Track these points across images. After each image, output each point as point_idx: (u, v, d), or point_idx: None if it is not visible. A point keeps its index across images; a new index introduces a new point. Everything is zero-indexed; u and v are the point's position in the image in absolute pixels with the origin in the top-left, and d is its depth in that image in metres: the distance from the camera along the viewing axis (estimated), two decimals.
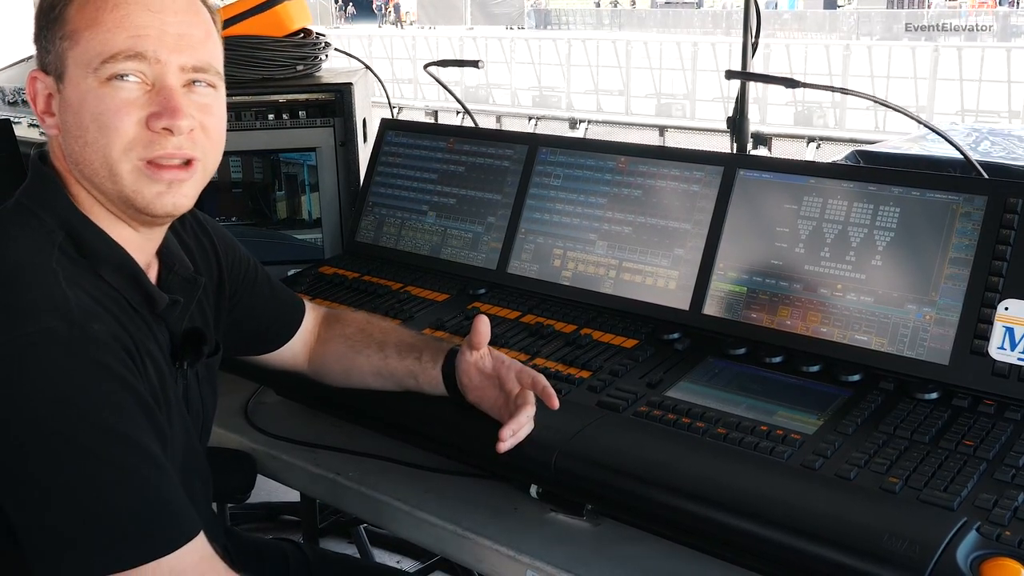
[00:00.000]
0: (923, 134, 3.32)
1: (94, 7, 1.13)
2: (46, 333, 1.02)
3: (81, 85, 1.13)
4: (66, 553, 1.00)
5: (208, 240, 1.42)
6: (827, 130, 10.55)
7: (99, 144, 1.13)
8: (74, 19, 1.14)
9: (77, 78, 1.13)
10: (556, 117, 12.27)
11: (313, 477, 1.59)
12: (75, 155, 1.16)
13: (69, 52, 1.14)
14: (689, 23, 21.35)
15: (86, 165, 1.15)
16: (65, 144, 1.17)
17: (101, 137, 1.13)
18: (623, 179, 1.80)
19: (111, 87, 1.12)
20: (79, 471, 1.00)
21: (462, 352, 1.45)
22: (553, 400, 1.37)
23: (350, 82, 2.19)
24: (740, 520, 1.19)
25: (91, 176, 1.16)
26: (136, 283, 1.18)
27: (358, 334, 1.58)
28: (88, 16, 1.13)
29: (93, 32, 1.13)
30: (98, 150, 1.14)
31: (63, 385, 1.01)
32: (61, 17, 1.14)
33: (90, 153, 1.14)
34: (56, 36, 1.14)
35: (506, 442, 1.32)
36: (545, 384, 1.38)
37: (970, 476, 1.20)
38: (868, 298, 1.50)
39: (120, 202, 1.17)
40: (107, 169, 1.14)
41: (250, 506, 3.15)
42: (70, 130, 1.15)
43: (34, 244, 1.12)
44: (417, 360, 1.50)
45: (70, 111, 1.14)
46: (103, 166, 1.14)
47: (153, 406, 1.09)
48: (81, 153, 1.15)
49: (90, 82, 1.13)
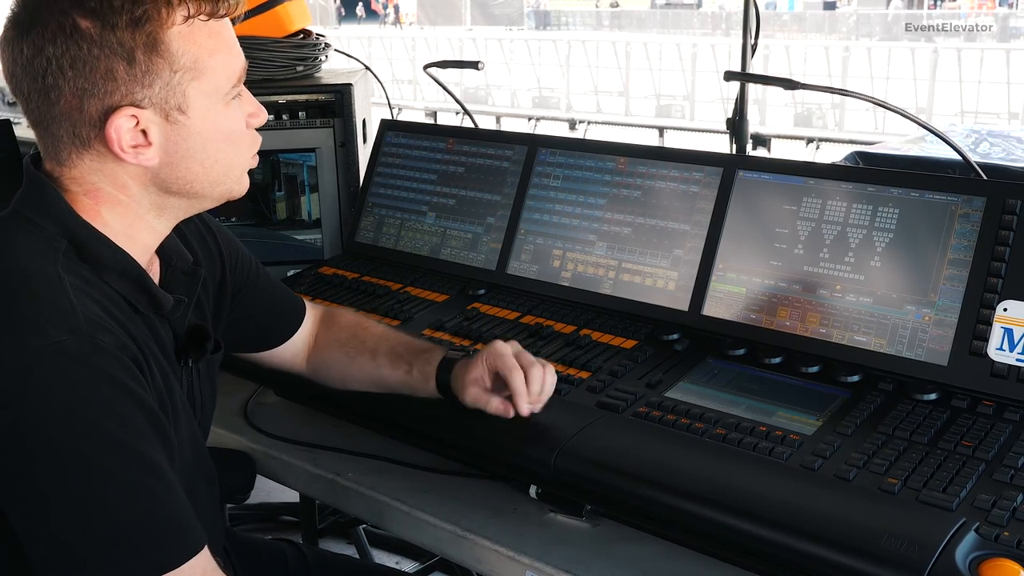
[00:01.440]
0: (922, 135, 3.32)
1: (204, 35, 1.13)
2: (54, 346, 1.01)
3: (212, 111, 1.16)
4: (72, 567, 1.00)
5: (212, 239, 1.42)
6: (827, 131, 10.54)
7: (228, 156, 1.19)
8: (187, 50, 1.11)
9: (206, 107, 1.15)
10: (556, 118, 12.27)
11: (312, 477, 1.59)
12: (190, 176, 1.17)
13: (192, 84, 1.13)
14: (689, 24, 21.36)
15: (203, 180, 1.18)
16: (169, 170, 1.16)
17: (231, 148, 1.19)
18: (622, 180, 1.80)
19: (234, 106, 1.19)
20: (86, 485, 1.00)
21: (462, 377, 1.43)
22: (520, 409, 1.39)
23: (350, 83, 2.19)
24: (739, 521, 1.20)
25: (202, 188, 1.19)
26: (142, 287, 1.18)
27: (351, 340, 1.57)
28: (204, 44, 1.13)
29: (219, 59, 1.14)
30: (226, 162, 1.19)
31: (71, 399, 1.01)
32: (168, 50, 1.10)
33: (217, 168, 1.18)
34: (165, 69, 1.11)
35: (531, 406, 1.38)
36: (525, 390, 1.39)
37: (969, 477, 1.20)
38: (867, 299, 1.50)
39: (215, 200, 1.23)
40: (231, 175, 1.21)
41: (250, 506, 3.15)
42: (192, 155, 1.16)
43: (37, 251, 1.10)
44: (408, 373, 1.50)
45: (196, 138, 1.15)
46: (226, 174, 1.20)
47: (161, 417, 1.09)
48: (204, 170, 1.18)
49: (220, 107, 1.16)
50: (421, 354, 1.51)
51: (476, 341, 1.67)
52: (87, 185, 1.15)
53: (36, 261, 1.09)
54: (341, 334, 1.59)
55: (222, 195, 1.23)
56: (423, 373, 1.48)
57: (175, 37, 1.11)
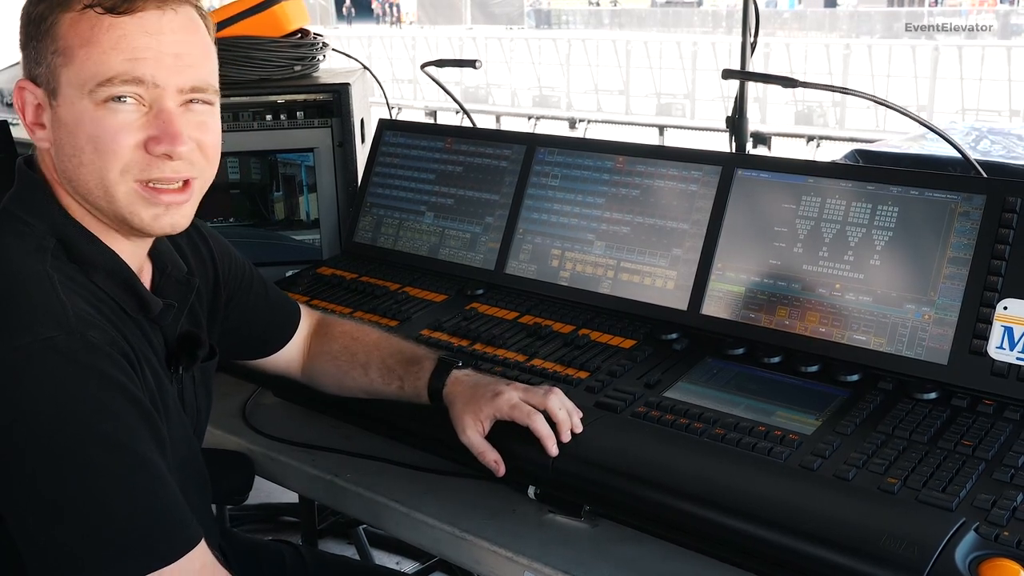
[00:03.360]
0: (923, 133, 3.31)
1: (88, 25, 1.10)
2: (44, 343, 1.01)
3: (76, 105, 1.11)
4: (67, 565, 1.00)
5: (205, 246, 1.42)
6: (827, 129, 10.53)
7: (95, 166, 1.12)
8: (67, 35, 1.10)
9: (72, 98, 1.11)
10: (556, 117, 12.27)
11: (311, 478, 1.59)
12: (68, 172, 1.14)
13: (62, 70, 1.11)
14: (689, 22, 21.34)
15: (80, 184, 1.14)
16: (58, 160, 1.15)
17: (98, 159, 1.12)
18: (621, 179, 1.79)
19: (107, 109, 1.11)
20: (80, 482, 1.00)
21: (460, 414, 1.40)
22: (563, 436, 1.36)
23: (347, 82, 2.19)
24: (738, 521, 1.19)
25: (85, 194, 1.15)
26: (130, 289, 1.18)
27: (343, 353, 1.56)
28: (82, 35, 1.10)
29: (88, 52, 1.10)
30: (94, 172, 1.12)
31: (62, 396, 1.01)
32: (52, 31, 1.11)
33: (85, 173, 1.13)
34: (47, 50, 1.11)
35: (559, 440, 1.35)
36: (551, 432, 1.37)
37: (969, 476, 1.20)
38: (867, 298, 1.50)
39: (115, 220, 1.17)
40: (102, 190, 1.13)
41: (249, 507, 3.15)
42: (64, 148, 1.13)
43: (26, 250, 1.11)
44: (400, 389, 1.49)
45: (64, 130, 1.13)
46: (98, 187, 1.13)
47: (153, 413, 1.09)
48: (76, 172, 1.13)
49: (86, 103, 1.11)
50: (411, 367, 1.49)
51: (475, 341, 1.67)
52: (47, 171, 1.18)
53: (25, 260, 1.10)
54: (333, 346, 1.58)
55: (115, 216, 1.15)
56: (414, 388, 1.47)
57: (64, 21, 1.11)
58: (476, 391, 1.39)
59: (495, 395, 1.37)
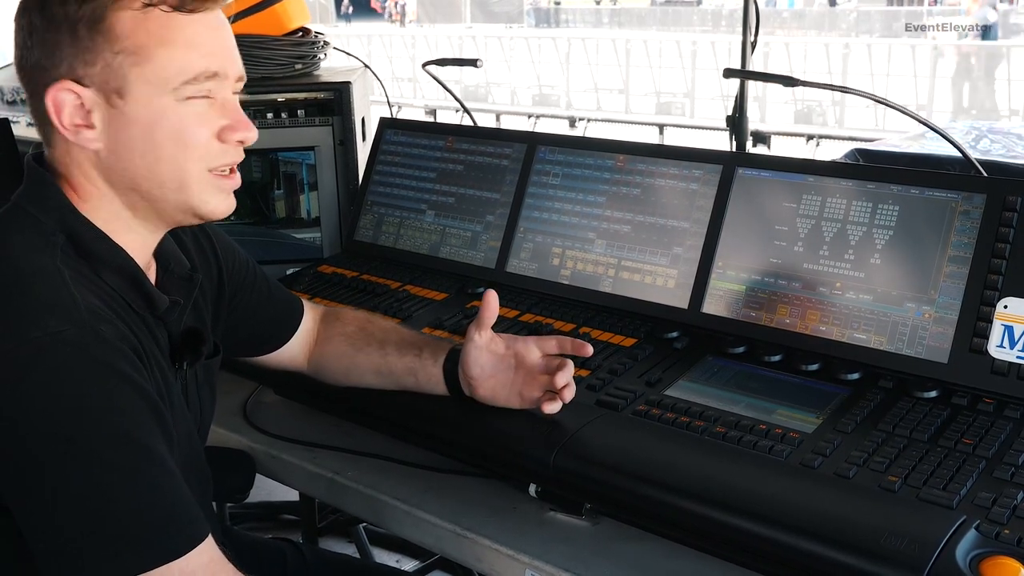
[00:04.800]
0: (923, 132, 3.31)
1: (159, 24, 1.12)
2: (55, 336, 1.02)
3: (155, 103, 1.13)
4: (76, 559, 1.00)
5: (208, 243, 1.42)
6: (827, 128, 10.54)
7: (177, 160, 1.15)
8: (135, 34, 1.11)
9: (148, 95, 1.12)
10: (556, 115, 12.27)
11: (312, 476, 1.59)
12: (134, 170, 1.15)
13: (134, 69, 1.11)
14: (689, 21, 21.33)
15: (150, 179, 1.15)
16: (115, 159, 1.15)
17: (180, 153, 1.15)
18: (622, 177, 1.79)
19: (189, 104, 1.14)
20: (89, 476, 1.00)
21: (469, 340, 1.43)
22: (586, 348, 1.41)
23: (348, 81, 2.19)
24: (739, 519, 1.19)
25: (152, 189, 1.16)
26: (137, 285, 1.18)
27: (358, 332, 1.57)
28: (156, 34, 1.11)
29: (168, 51, 1.12)
30: (174, 165, 1.15)
31: (73, 389, 1.01)
32: (114, 30, 1.11)
33: (163, 168, 1.15)
34: (105, 50, 1.11)
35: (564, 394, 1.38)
36: (571, 340, 1.42)
37: (969, 474, 1.20)
38: (867, 296, 1.50)
39: (178, 210, 1.19)
40: (177, 182, 1.16)
41: (250, 505, 3.16)
42: (131, 145, 1.14)
43: (36, 246, 1.11)
44: (417, 357, 1.49)
45: (135, 127, 1.13)
46: (173, 180, 1.16)
47: (162, 408, 1.09)
48: (148, 168, 1.15)
49: (167, 100, 1.13)
50: (431, 343, 1.53)
51: None
52: (66, 170, 1.17)
53: (35, 256, 1.10)
54: (347, 328, 1.59)
55: (184, 207, 1.19)
56: (433, 356, 1.48)
57: (125, 20, 1.11)
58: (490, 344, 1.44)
59: (513, 338, 1.45)
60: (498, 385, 1.43)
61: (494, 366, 1.43)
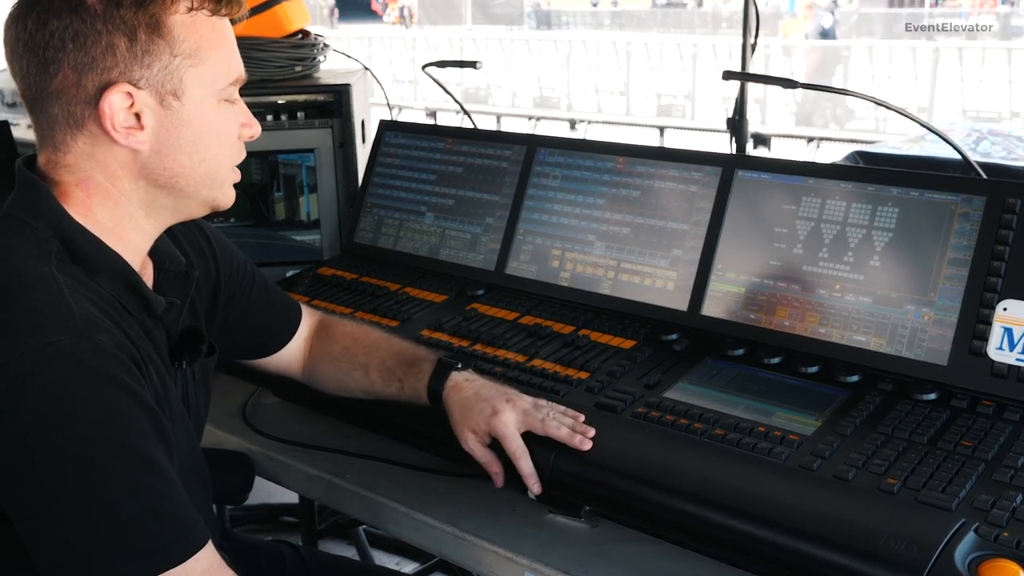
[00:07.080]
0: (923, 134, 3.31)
1: (208, 27, 1.16)
2: (52, 347, 1.01)
3: (205, 104, 1.17)
4: (76, 567, 1.00)
5: (207, 243, 1.42)
6: (827, 130, 10.54)
7: (218, 158, 1.21)
8: (190, 37, 1.14)
9: (201, 97, 1.16)
10: (556, 118, 12.27)
11: (311, 478, 1.59)
12: (178, 168, 1.18)
13: (191, 71, 1.15)
14: (689, 23, 21.34)
15: (191, 176, 1.19)
16: (157, 160, 1.16)
17: (221, 151, 1.21)
18: (621, 179, 1.79)
19: (226, 104, 1.20)
20: (88, 485, 1.00)
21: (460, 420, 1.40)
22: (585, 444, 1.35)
23: (348, 83, 2.19)
24: (738, 521, 1.19)
25: (186, 185, 1.19)
26: (133, 289, 1.18)
27: (343, 355, 1.56)
28: (207, 37, 1.16)
29: (218, 54, 1.17)
30: (215, 163, 1.20)
31: (69, 399, 1.01)
32: (172, 34, 1.13)
33: (205, 166, 1.19)
34: (163, 52, 1.13)
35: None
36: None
37: (968, 477, 1.20)
38: (867, 298, 1.50)
39: (200, 205, 1.24)
40: (211, 178, 1.21)
41: (250, 507, 3.15)
42: (181, 146, 1.17)
43: (31, 254, 1.10)
44: (400, 391, 1.50)
45: (187, 128, 1.16)
46: (209, 176, 1.21)
47: (160, 415, 1.09)
48: (192, 166, 1.18)
49: (213, 101, 1.18)
50: (411, 368, 1.49)
51: (475, 342, 1.67)
52: (79, 174, 1.16)
53: (30, 263, 1.09)
54: (333, 348, 1.58)
55: (207, 200, 1.24)
56: (414, 390, 1.47)
57: (177, 23, 1.14)
58: (475, 404, 1.39)
59: (493, 413, 1.37)
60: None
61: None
